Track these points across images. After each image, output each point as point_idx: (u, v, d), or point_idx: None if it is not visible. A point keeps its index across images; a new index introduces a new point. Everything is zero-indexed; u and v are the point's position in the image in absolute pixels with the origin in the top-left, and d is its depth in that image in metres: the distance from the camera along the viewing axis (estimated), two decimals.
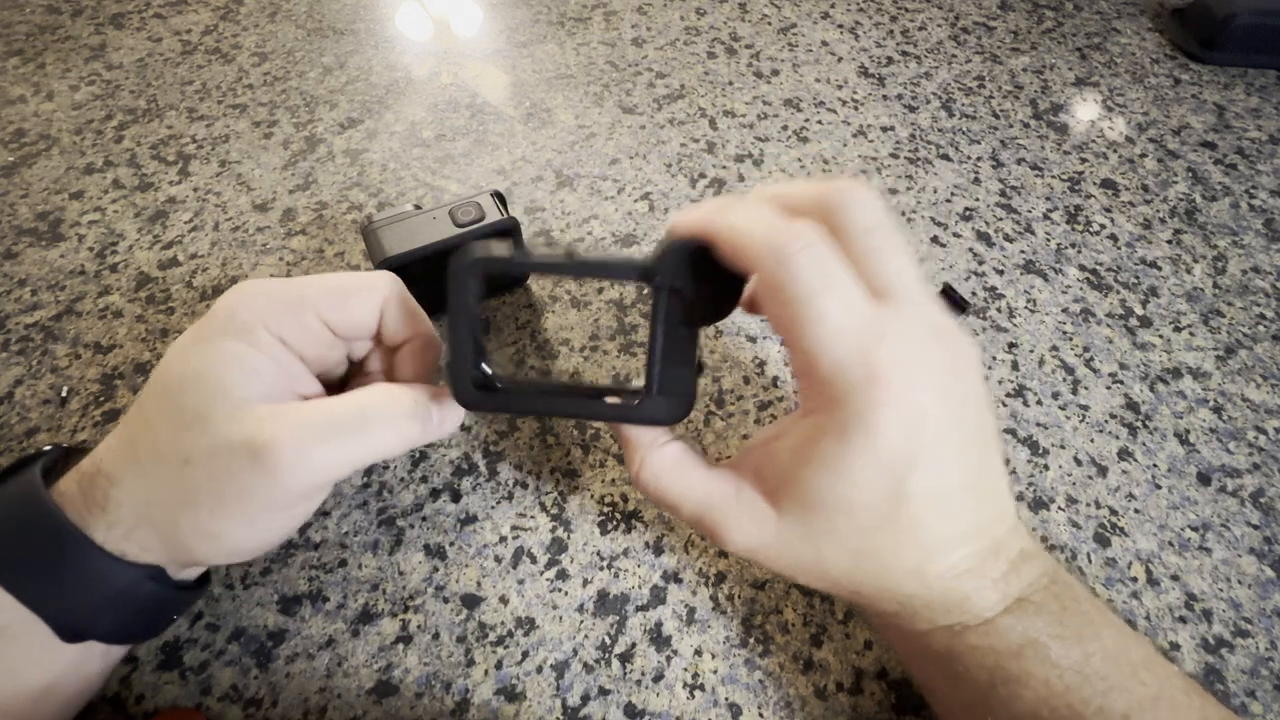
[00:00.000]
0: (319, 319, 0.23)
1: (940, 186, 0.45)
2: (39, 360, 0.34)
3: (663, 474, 0.23)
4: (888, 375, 0.19)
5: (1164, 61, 0.56)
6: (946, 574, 0.21)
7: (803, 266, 0.19)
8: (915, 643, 0.22)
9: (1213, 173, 0.47)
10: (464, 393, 0.24)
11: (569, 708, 0.25)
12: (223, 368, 0.21)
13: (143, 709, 0.25)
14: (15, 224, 0.40)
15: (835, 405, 0.19)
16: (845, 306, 0.19)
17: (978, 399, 0.21)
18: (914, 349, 0.20)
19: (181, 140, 0.45)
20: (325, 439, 0.21)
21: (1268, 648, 0.28)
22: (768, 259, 0.20)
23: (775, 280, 0.20)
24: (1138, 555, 0.30)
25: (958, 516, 0.21)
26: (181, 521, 0.21)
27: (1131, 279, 0.41)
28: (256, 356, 0.21)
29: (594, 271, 0.23)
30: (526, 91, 0.50)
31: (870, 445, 0.19)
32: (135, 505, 0.20)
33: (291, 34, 0.54)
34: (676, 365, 0.23)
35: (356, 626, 0.27)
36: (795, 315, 0.20)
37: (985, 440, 0.21)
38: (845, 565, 0.21)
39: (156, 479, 0.20)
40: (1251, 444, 0.34)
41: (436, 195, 0.42)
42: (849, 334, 0.19)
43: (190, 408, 0.20)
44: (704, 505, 0.23)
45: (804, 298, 0.19)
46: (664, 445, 0.24)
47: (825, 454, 0.20)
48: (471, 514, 0.30)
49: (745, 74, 0.52)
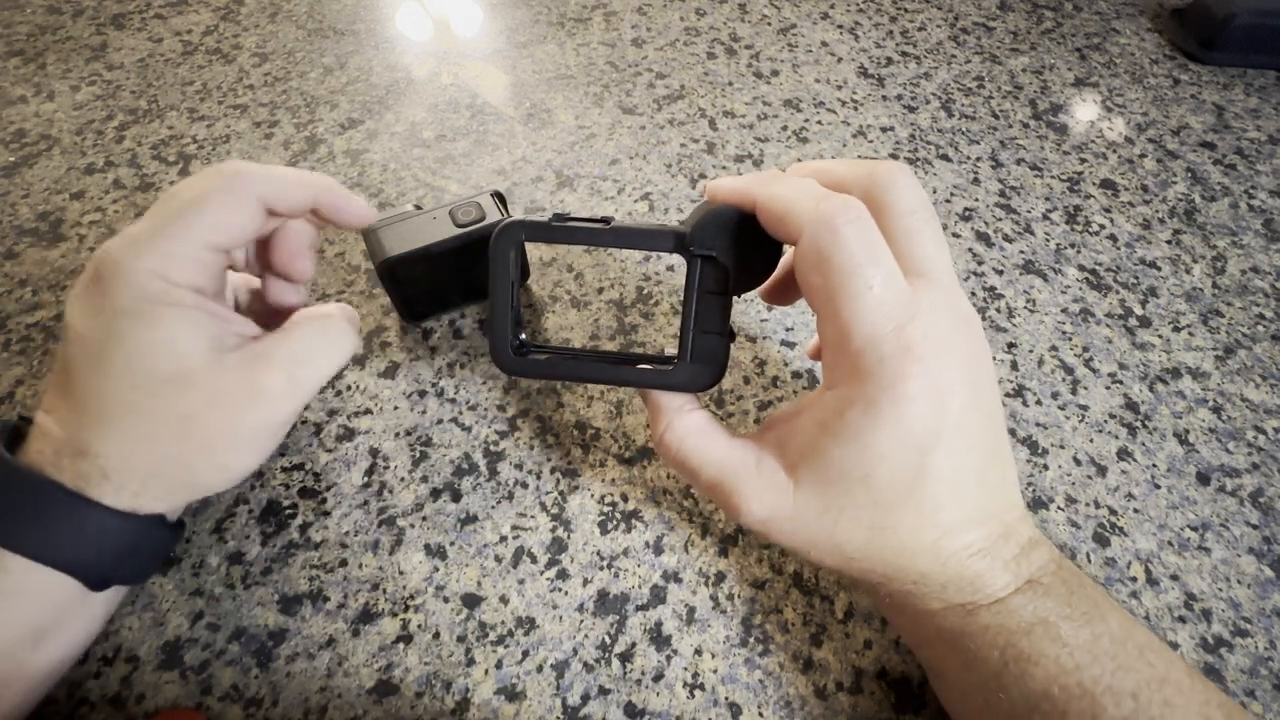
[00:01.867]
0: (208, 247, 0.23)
1: (940, 187, 0.45)
2: (40, 360, 0.34)
3: (687, 437, 0.24)
4: (920, 350, 0.19)
5: (1163, 62, 0.56)
6: (961, 553, 0.21)
7: (851, 237, 0.20)
8: (926, 623, 0.22)
9: (1212, 173, 0.47)
10: (504, 358, 0.24)
11: (569, 707, 0.25)
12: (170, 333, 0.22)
13: (143, 709, 0.25)
14: (16, 224, 0.40)
15: (865, 376, 0.20)
16: (885, 280, 0.20)
17: (992, 388, 0.22)
18: (943, 330, 0.20)
19: (182, 140, 0.45)
20: (304, 364, 0.24)
21: (1267, 647, 0.28)
22: (817, 228, 0.20)
23: (822, 249, 0.20)
24: (1137, 555, 0.30)
25: (971, 499, 0.21)
26: (197, 464, 0.23)
27: (1131, 279, 0.41)
28: (188, 314, 0.22)
29: (630, 240, 0.24)
30: (527, 92, 0.50)
31: (897, 417, 0.20)
32: (142, 467, 0.22)
33: (292, 34, 0.54)
34: (709, 333, 0.24)
35: (357, 626, 0.27)
36: (838, 285, 0.20)
37: (997, 429, 0.22)
38: (860, 541, 0.21)
39: (160, 439, 0.22)
40: (1251, 444, 0.34)
41: (437, 195, 0.42)
42: (886, 306, 0.20)
43: (158, 373, 0.22)
44: (723, 472, 0.23)
45: (850, 268, 0.20)
46: (690, 411, 0.25)
47: (850, 425, 0.20)
48: (472, 514, 0.30)
49: (745, 74, 0.52)
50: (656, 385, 0.25)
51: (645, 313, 0.37)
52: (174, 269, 0.22)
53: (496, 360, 0.25)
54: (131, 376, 0.21)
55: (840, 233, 0.20)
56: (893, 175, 0.22)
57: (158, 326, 0.22)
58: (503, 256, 0.24)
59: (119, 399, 0.21)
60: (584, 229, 0.24)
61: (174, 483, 0.23)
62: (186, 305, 0.22)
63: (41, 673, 0.23)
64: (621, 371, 0.25)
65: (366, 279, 0.38)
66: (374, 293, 0.37)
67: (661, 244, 0.24)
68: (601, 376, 0.26)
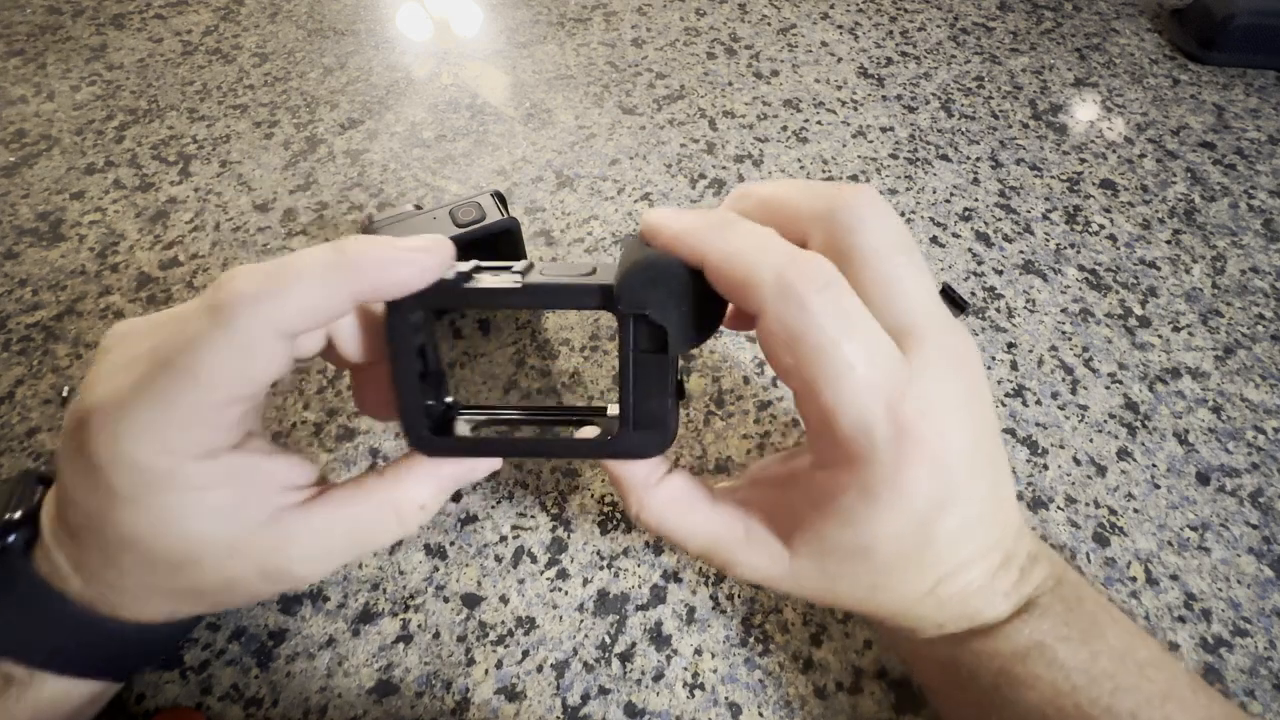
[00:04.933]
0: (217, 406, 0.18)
1: (939, 187, 0.45)
2: (40, 360, 0.34)
3: (665, 513, 0.22)
4: (918, 430, 0.17)
5: (1163, 62, 0.56)
6: (960, 593, 0.20)
7: (822, 311, 0.17)
8: (921, 649, 0.22)
9: (1212, 173, 0.47)
10: (418, 439, 0.21)
11: (569, 707, 0.25)
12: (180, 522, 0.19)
13: (143, 709, 0.25)
14: (16, 224, 0.40)
15: (859, 463, 0.18)
16: (869, 355, 0.17)
17: (990, 414, 0.20)
18: (941, 390, 0.18)
19: (182, 140, 0.45)
20: (340, 553, 0.21)
21: (1266, 647, 0.28)
22: (781, 301, 0.17)
23: (791, 328, 0.17)
24: (1137, 555, 0.30)
25: (976, 540, 0.20)
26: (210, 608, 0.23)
27: (1130, 279, 0.41)
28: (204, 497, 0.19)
29: (548, 299, 0.20)
30: (527, 92, 0.50)
31: (900, 502, 0.18)
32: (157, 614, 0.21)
33: (292, 35, 0.54)
34: (653, 395, 0.20)
35: (357, 626, 0.27)
36: (816, 368, 0.17)
37: (997, 455, 0.20)
38: (861, 596, 0.21)
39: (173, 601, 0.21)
40: (1250, 444, 0.34)
41: (437, 195, 0.42)
42: (874, 387, 0.17)
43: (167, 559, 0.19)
44: (713, 543, 0.22)
45: (826, 347, 0.17)
46: (660, 483, 0.22)
47: (846, 510, 0.19)
48: (472, 513, 0.30)
49: (745, 74, 0.52)
50: (601, 456, 0.22)
51: None
52: (179, 441, 0.18)
53: (410, 443, 0.21)
54: (137, 557, 0.19)
55: (810, 308, 0.17)
56: (858, 212, 0.19)
57: (161, 515, 0.18)
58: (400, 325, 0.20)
59: (129, 573, 0.20)
60: (490, 289, 0.19)
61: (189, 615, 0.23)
62: (196, 486, 0.18)
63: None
64: (559, 443, 0.23)
65: None
66: None
67: (585, 302, 0.20)
68: (538, 450, 0.24)
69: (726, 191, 0.44)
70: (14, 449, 0.31)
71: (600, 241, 0.40)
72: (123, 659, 0.23)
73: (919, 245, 0.41)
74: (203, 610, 0.23)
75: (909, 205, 0.44)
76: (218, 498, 0.19)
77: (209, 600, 0.22)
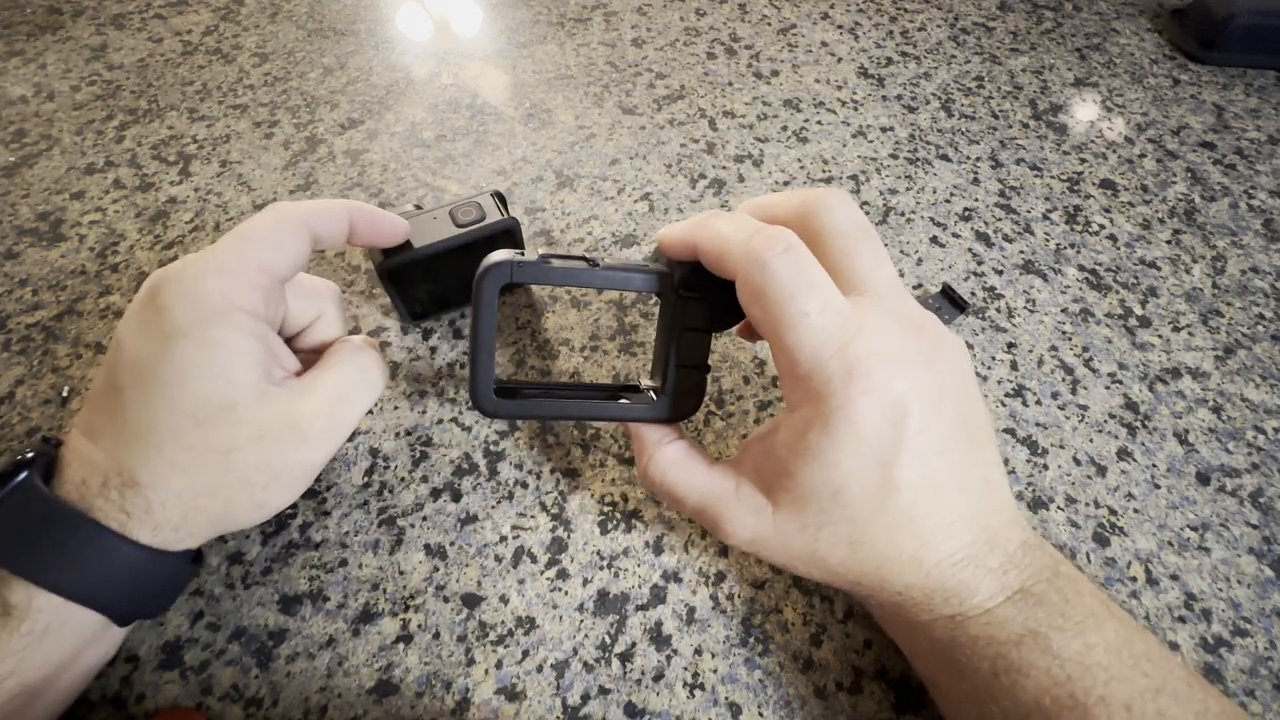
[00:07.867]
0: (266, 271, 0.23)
1: (939, 187, 0.45)
2: (40, 360, 0.34)
3: (669, 469, 0.25)
4: (865, 366, 0.20)
5: (1163, 62, 0.56)
6: (943, 562, 0.21)
7: (781, 269, 0.21)
8: (918, 635, 0.23)
9: (1212, 173, 0.47)
10: (486, 401, 0.24)
11: (569, 707, 0.25)
12: (227, 358, 0.22)
13: (143, 708, 0.25)
14: (16, 224, 0.40)
15: (818, 398, 0.21)
16: (821, 304, 0.21)
17: (960, 390, 0.22)
18: (888, 341, 0.21)
19: (182, 140, 0.45)
20: (344, 403, 0.24)
21: (1267, 647, 0.28)
22: (748, 265, 0.21)
23: (756, 284, 0.21)
24: (1137, 555, 0.30)
25: (951, 507, 0.21)
26: (236, 500, 0.23)
27: (1130, 279, 0.41)
28: (245, 340, 0.22)
29: (617, 281, 0.24)
30: (527, 92, 0.50)
31: (853, 434, 0.20)
32: (182, 501, 0.22)
33: (292, 34, 0.54)
34: (689, 366, 0.25)
35: (357, 626, 0.27)
36: (776, 316, 0.21)
37: (971, 431, 0.22)
38: (842, 555, 0.22)
39: (201, 473, 0.22)
40: (1250, 444, 0.34)
41: (437, 195, 0.42)
42: (826, 330, 0.20)
43: (208, 400, 0.21)
44: (706, 499, 0.24)
45: (784, 299, 0.21)
46: (669, 443, 0.25)
47: (812, 446, 0.21)
48: (472, 514, 0.30)
49: (745, 74, 0.52)
50: (641, 419, 0.25)
51: (645, 313, 0.37)
52: (233, 289, 0.22)
53: (477, 404, 0.24)
54: (182, 401, 0.21)
55: (769, 267, 0.21)
56: (824, 200, 0.23)
57: (213, 348, 0.21)
58: (489, 295, 0.23)
59: (168, 425, 0.21)
60: (572, 269, 0.24)
61: (210, 519, 0.23)
62: (244, 329, 0.22)
63: (58, 700, 0.22)
64: (605, 407, 0.26)
65: (366, 279, 0.38)
66: (374, 293, 0.37)
67: (648, 285, 0.24)
68: (585, 413, 0.26)
69: (726, 191, 0.44)
70: (14, 449, 0.31)
71: (600, 241, 0.40)
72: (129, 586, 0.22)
73: (918, 245, 0.41)
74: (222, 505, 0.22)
75: (909, 205, 0.44)
76: (252, 347, 0.22)
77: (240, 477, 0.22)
